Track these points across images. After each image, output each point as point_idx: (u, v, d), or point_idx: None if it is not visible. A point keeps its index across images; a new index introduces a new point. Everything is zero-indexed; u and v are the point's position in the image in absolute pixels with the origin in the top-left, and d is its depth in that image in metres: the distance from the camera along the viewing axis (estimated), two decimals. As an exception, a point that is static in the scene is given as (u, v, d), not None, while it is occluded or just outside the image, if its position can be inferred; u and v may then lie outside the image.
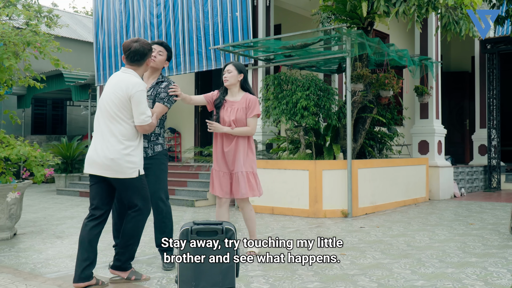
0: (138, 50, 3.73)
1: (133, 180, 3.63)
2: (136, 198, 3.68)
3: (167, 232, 4.23)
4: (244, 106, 4.45)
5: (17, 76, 6.23)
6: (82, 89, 13.03)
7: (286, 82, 7.63)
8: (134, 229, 3.70)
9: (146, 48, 3.78)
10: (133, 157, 3.62)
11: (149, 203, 3.78)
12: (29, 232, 6.13)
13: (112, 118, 3.61)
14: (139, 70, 3.80)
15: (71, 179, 11.99)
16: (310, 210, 7.17)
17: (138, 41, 3.76)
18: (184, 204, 8.68)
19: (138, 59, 3.75)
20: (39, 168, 5.52)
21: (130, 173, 3.60)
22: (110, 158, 3.56)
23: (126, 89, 3.60)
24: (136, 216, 3.69)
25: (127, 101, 3.60)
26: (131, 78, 3.67)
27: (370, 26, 7.97)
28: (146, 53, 3.78)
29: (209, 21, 9.42)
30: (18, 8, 6.23)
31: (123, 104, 3.60)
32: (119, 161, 3.56)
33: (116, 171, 3.57)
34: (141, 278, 3.76)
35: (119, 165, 3.56)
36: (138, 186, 3.67)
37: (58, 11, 19.32)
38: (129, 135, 3.62)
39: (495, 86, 11.43)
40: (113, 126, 3.61)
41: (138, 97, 3.60)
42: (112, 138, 3.59)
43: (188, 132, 12.62)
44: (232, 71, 4.46)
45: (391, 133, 8.94)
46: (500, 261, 4.33)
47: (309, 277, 3.83)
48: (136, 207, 3.69)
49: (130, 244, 3.71)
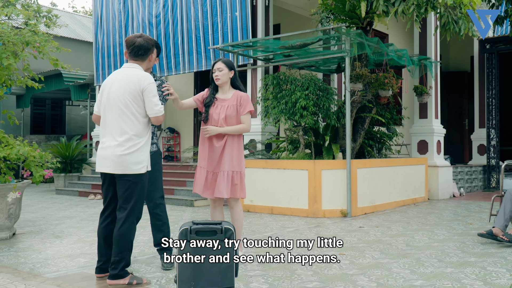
0: (142, 45, 3.75)
1: (139, 177, 3.63)
2: (134, 198, 3.64)
3: (165, 231, 4.24)
4: (235, 103, 4.30)
5: (16, 76, 6.22)
6: (81, 88, 13.03)
7: (285, 81, 7.63)
8: (126, 233, 3.61)
9: (150, 43, 3.81)
10: (142, 153, 3.63)
11: (141, 206, 3.75)
12: (28, 232, 6.13)
13: (122, 114, 3.60)
14: (142, 65, 3.80)
15: (70, 179, 11.99)
16: (309, 210, 7.17)
17: (141, 36, 3.79)
18: (183, 203, 8.68)
19: (142, 54, 3.76)
20: (38, 168, 5.52)
21: (138, 169, 3.61)
22: (118, 155, 3.57)
23: (138, 82, 3.60)
24: (128, 219, 3.62)
25: (139, 94, 3.61)
26: (140, 72, 3.69)
27: (369, 26, 7.97)
28: (149, 48, 3.80)
29: (208, 21, 9.42)
30: (17, 8, 6.23)
31: (135, 98, 3.61)
32: (128, 157, 3.57)
33: (124, 167, 3.58)
34: (143, 282, 3.67)
35: (127, 161, 3.57)
36: (142, 185, 3.67)
37: (57, 11, 19.31)
38: (138, 131, 3.63)
39: (494, 86, 11.44)
40: (123, 123, 3.60)
41: (150, 89, 3.62)
42: (121, 135, 3.59)
43: (187, 131, 12.62)
44: (223, 69, 4.30)
45: (390, 133, 8.95)
46: (499, 261, 4.34)
47: (308, 277, 3.83)
48: (127, 209, 3.62)
49: (125, 249, 3.62)
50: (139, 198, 3.67)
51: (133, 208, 3.64)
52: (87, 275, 3.95)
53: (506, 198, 5.14)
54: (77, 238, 5.67)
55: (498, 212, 5.16)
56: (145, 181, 3.70)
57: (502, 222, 5.06)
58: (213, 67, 4.36)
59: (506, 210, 5.07)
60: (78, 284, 3.72)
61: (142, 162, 3.63)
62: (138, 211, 3.72)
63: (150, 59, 3.87)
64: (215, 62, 4.38)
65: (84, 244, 5.29)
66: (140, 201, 3.69)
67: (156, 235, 4.24)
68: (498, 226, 5.03)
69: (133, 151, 3.59)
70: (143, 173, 3.65)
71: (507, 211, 5.07)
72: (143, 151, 3.64)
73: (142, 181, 3.67)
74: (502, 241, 4.93)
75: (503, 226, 5.04)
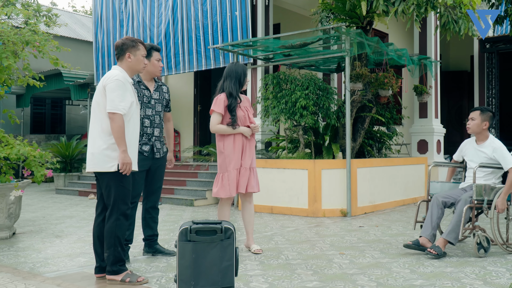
0: (117, 45, 3.80)
1: (113, 176, 3.60)
2: (113, 195, 3.62)
3: (155, 228, 4.63)
4: (248, 105, 4.75)
5: (16, 75, 6.22)
6: (81, 88, 13.02)
7: (285, 81, 7.63)
8: (111, 229, 3.62)
9: (126, 42, 3.79)
10: (112, 152, 3.60)
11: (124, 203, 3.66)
12: (28, 231, 6.13)
13: (95, 112, 3.68)
14: (123, 66, 3.80)
15: (70, 178, 11.99)
16: (309, 210, 7.17)
17: (127, 38, 3.83)
18: (183, 203, 8.67)
19: (117, 53, 3.80)
20: (39, 168, 5.52)
21: (108, 167, 3.60)
22: (91, 153, 3.65)
23: (103, 80, 3.67)
24: (111, 215, 3.62)
25: (104, 91, 3.62)
26: (111, 71, 3.73)
27: (369, 26, 7.97)
28: (123, 48, 3.77)
29: (209, 21, 9.42)
30: (17, 7, 6.22)
31: (102, 96, 3.64)
32: (97, 155, 3.61)
33: (95, 165, 3.63)
34: (136, 281, 3.63)
35: (97, 159, 3.61)
36: (117, 183, 3.62)
37: (57, 10, 19.31)
38: (108, 128, 3.61)
39: (494, 85, 11.44)
40: (95, 121, 3.67)
41: (111, 86, 3.59)
42: (94, 133, 3.67)
43: (187, 131, 12.62)
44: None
45: (390, 133, 8.95)
46: (499, 260, 4.34)
47: (308, 276, 3.83)
48: (109, 206, 3.64)
49: (111, 245, 3.62)
50: (117, 195, 3.62)
51: (114, 204, 3.63)
52: (87, 275, 3.95)
53: (433, 204, 4.67)
54: (77, 237, 5.67)
55: (424, 218, 4.71)
56: (121, 179, 3.63)
57: (429, 231, 4.57)
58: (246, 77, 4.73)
59: (433, 217, 4.60)
60: (78, 283, 3.72)
61: (111, 161, 3.59)
62: (122, 208, 3.65)
63: (128, 58, 3.77)
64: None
65: (84, 243, 5.29)
66: (120, 198, 3.63)
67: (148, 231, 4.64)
68: (425, 236, 4.54)
69: (103, 149, 3.60)
70: (114, 171, 3.60)
71: (434, 218, 4.60)
72: (113, 149, 3.60)
73: (117, 179, 3.61)
74: (429, 254, 4.38)
75: (431, 236, 4.54)
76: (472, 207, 4.52)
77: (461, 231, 4.42)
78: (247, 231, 4.74)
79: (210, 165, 9.65)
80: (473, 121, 4.78)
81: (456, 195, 4.70)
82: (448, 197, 4.69)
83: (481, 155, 4.73)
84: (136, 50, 3.80)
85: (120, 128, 3.56)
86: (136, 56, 3.81)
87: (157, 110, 4.53)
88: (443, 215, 4.67)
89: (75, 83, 12.85)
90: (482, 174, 4.70)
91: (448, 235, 4.45)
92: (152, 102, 4.49)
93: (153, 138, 4.49)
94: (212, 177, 9.27)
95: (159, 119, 4.54)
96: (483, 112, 4.78)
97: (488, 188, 4.54)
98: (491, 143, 4.72)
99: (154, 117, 4.48)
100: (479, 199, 4.51)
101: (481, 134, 4.79)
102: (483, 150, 4.74)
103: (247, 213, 4.71)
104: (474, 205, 4.50)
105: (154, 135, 4.49)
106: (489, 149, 4.69)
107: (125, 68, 3.78)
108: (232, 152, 4.53)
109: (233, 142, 4.55)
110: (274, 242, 5.22)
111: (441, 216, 4.64)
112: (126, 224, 3.70)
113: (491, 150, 4.67)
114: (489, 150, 4.69)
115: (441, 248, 4.41)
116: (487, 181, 4.70)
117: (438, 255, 4.36)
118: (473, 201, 4.50)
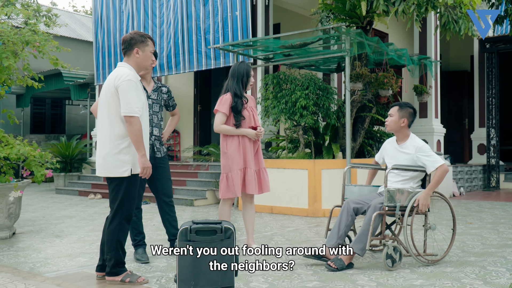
0: (125, 39, 3.63)
1: (123, 180, 3.53)
2: (119, 199, 3.55)
3: (176, 226, 4.72)
4: (254, 105, 4.75)
5: (16, 75, 6.22)
6: (81, 88, 13.03)
7: (285, 81, 7.63)
8: (113, 233, 3.58)
9: (135, 37, 3.61)
10: (124, 156, 3.50)
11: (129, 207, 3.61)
12: (28, 231, 6.13)
13: (105, 114, 3.54)
14: (130, 62, 3.64)
15: (70, 178, 11.99)
16: (309, 209, 7.17)
17: (135, 32, 3.65)
18: (183, 203, 8.68)
19: (125, 48, 3.63)
20: (39, 168, 5.52)
21: (120, 172, 3.50)
22: (101, 157, 3.55)
23: (114, 80, 3.49)
24: (114, 218, 3.58)
25: (116, 92, 3.46)
26: (121, 70, 3.55)
27: (369, 25, 7.97)
28: (131, 42, 3.60)
29: (209, 20, 9.42)
30: (17, 7, 6.23)
31: (113, 97, 3.47)
32: (109, 159, 3.50)
33: (106, 170, 3.53)
34: (136, 281, 3.61)
35: (109, 164, 3.51)
36: (127, 187, 3.55)
37: (57, 10, 19.31)
38: (120, 131, 3.50)
39: (494, 85, 11.44)
40: (106, 123, 3.53)
41: (124, 87, 3.43)
42: (104, 136, 3.55)
43: (187, 131, 12.62)
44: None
45: (390, 132, 8.94)
46: (499, 260, 4.34)
47: (308, 276, 3.83)
48: (113, 209, 3.58)
49: (113, 249, 3.58)
50: (124, 199, 3.55)
51: (119, 208, 3.56)
52: (87, 275, 3.95)
53: (342, 210, 4.20)
54: (77, 237, 5.67)
55: None
56: (131, 183, 3.57)
57: (335, 240, 4.10)
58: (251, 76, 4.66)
59: (341, 225, 4.13)
60: (78, 283, 3.72)
61: (124, 165, 3.51)
62: (126, 212, 3.59)
63: (136, 53, 3.61)
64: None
65: (84, 243, 5.29)
66: (126, 203, 3.57)
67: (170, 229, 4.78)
68: (329, 246, 4.07)
69: (115, 153, 3.49)
70: (126, 176, 3.51)
71: (342, 226, 4.13)
72: (126, 153, 3.51)
73: (127, 183, 3.54)
74: (328, 267, 3.94)
75: (336, 246, 4.06)
76: (383, 214, 4.01)
77: (368, 241, 3.91)
78: (247, 231, 4.74)
79: (210, 165, 9.65)
80: (390, 118, 4.34)
81: (369, 201, 4.20)
82: (361, 202, 4.21)
83: (402, 156, 4.26)
84: (145, 46, 3.64)
85: (139, 132, 3.44)
86: (145, 52, 3.65)
87: (155, 110, 4.59)
88: (353, 222, 4.22)
89: (75, 83, 12.86)
90: (400, 179, 4.25)
91: (354, 245, 3.97)
92: (150, 102, 4.54)
93: (153, 137, 4.53)
94: (212, 177, 9.27)
95: (157, 119, 4.60)
96: (402, 108, 4.35)
97: (404, 193, 4.05)
98: (413, 142, 4.26)
99: (152, 117, 4.54)
100: (390, 206, 4.01)
101: (400, 133, 4.34)
102: (404, 150, 4.27)
103: (248, 213, 4.71)
104: (385, 212, 3.99)
105: (153, 134, 4.54)
106: (411, 149, 4.23)
107: (132, 65, 3.63)
108: (235, 153, 4.50)
109: (237, 142, 4.52)
110: (274, 242, 5.22)
111: (350, 224, 4.17)
112: (128, 228, 3.69)
113: (414, 150, 4.20)
114: (412, 150, 4.21)
115: (344, 262, 3.96)
116: (404, 184, 4.22)
117: (337, 269, 3.91)
118: (383, 208, 4.00)
